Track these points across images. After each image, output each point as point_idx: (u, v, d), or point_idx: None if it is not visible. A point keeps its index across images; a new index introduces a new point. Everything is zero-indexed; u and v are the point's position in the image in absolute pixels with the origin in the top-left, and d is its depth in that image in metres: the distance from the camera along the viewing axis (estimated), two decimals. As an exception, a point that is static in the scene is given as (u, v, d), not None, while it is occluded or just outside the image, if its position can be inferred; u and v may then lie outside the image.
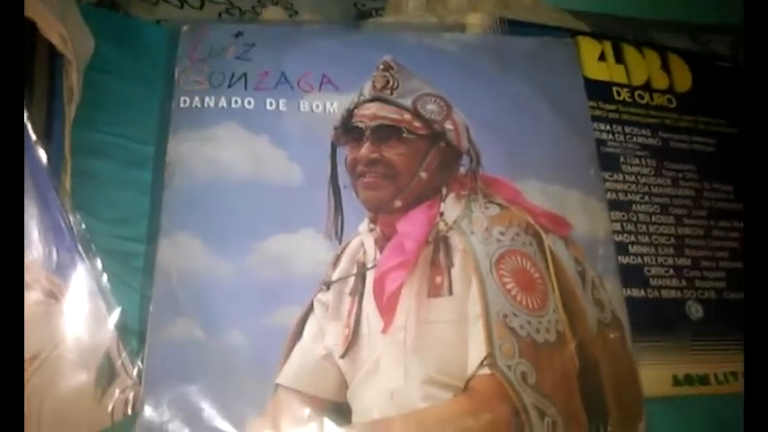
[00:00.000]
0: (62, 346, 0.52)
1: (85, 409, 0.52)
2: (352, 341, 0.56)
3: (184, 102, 0.63)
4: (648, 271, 0.66)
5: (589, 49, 0.75)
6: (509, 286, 0.57)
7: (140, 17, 0.74)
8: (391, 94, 0.62)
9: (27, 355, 0.50)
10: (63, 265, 0.53)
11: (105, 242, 0.60)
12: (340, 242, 0.59)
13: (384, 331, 0.56)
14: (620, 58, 0.76)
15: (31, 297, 0.51)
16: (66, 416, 0.51)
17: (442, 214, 0.60)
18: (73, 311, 0.53)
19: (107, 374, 0.53)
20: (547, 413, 0.54)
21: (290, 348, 0.55)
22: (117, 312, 0.55)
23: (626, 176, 0.70)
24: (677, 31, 0.89)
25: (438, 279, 0.58)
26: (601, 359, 0.58)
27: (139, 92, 0.70)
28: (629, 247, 0.66)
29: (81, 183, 0.62)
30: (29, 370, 0.50)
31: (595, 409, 0.56)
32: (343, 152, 0.61)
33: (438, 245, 0.59)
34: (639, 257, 0.66)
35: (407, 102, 0.62)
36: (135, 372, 0.54)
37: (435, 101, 0.63)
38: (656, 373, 0.62)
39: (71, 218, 0.55)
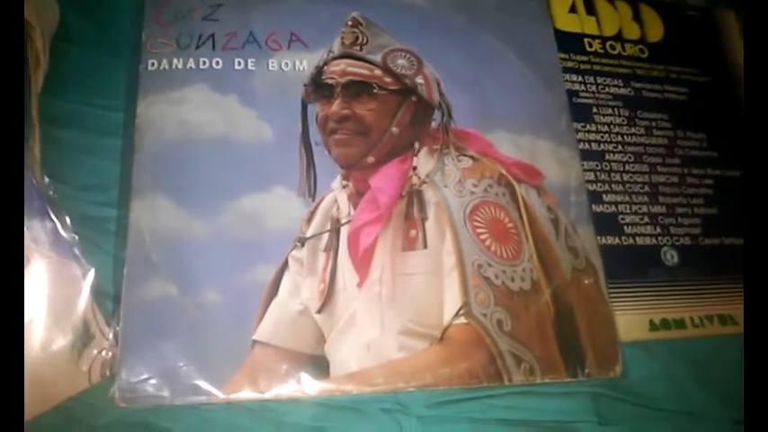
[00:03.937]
0: (36, 310, 0.51)
1: (63, 372, 0.52)
2: (328, 296, 0.56)
3: (152, 65, 0.62)
4: (623, 219, 0.66)
5: (559, 1, 0.75)
6: (483, 237, 0.58)
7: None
8: (360, 50, 0.62)
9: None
10: (33, 227, 0.53)
11: (79, 208, 0.59)
12: (313, 199, 0.59)
13: (360, 285, 0.56)
14: (591, 10, 0.76)
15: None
16: (43, 379, 0.51)
17: (414, 168, 0.60)
18: (45, 274, 0.52)
19: (83, 337, 0.53)
20: (523, 359, 0.55)
21: (266, 305, 0.55)
22: (91, 275, 0.55)
23: (599, 126, 0.70)
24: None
25: (412, 232, 0.58)
26: (575, 305, 0.58)
27: (108, 60, 0.69)
28: (604, 195, 0.67)
29: (53, 151, 0.61)
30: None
31: (571, 354, 0.57)
32: (314, 109, 0.61)
33: (411, 199, 0.59)
34: (614, 206, 0.66)
35: (377, 57, 0.61)
36: (111, 333, 0.54)
37: (406, 56, 0.63)
38: (633, 319, 0.62)
39: (39, 182, 0.55)
